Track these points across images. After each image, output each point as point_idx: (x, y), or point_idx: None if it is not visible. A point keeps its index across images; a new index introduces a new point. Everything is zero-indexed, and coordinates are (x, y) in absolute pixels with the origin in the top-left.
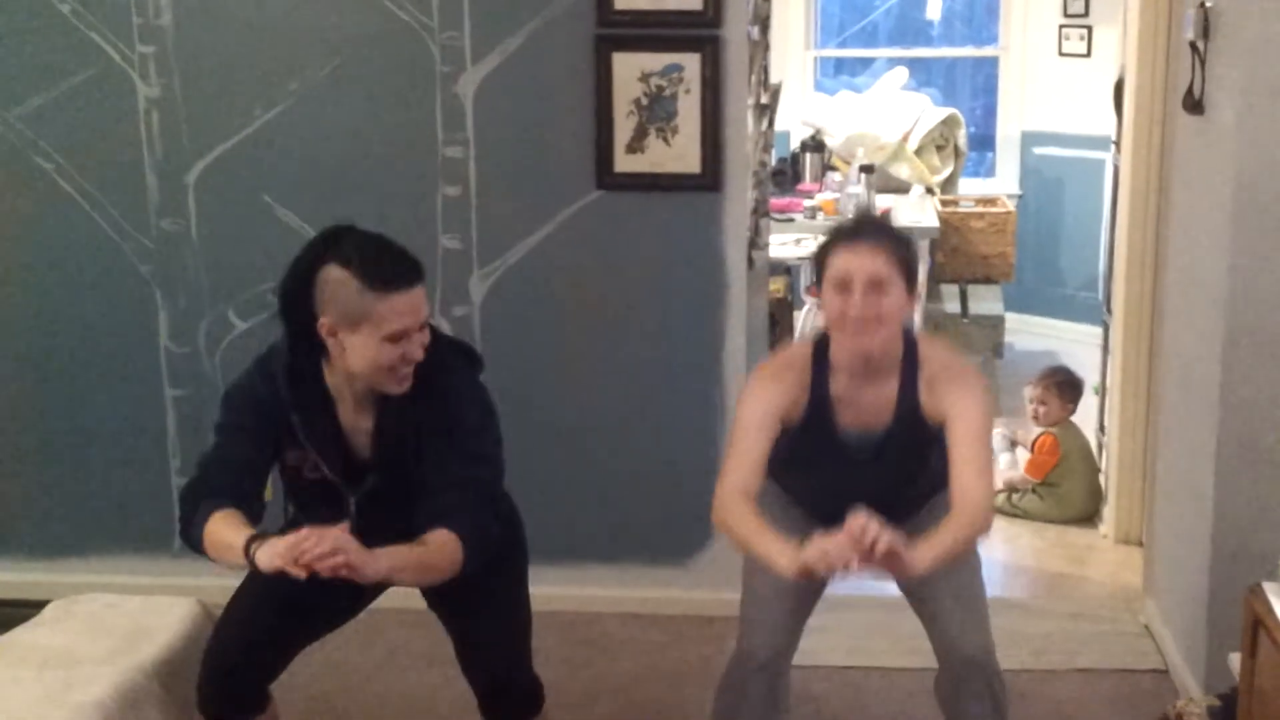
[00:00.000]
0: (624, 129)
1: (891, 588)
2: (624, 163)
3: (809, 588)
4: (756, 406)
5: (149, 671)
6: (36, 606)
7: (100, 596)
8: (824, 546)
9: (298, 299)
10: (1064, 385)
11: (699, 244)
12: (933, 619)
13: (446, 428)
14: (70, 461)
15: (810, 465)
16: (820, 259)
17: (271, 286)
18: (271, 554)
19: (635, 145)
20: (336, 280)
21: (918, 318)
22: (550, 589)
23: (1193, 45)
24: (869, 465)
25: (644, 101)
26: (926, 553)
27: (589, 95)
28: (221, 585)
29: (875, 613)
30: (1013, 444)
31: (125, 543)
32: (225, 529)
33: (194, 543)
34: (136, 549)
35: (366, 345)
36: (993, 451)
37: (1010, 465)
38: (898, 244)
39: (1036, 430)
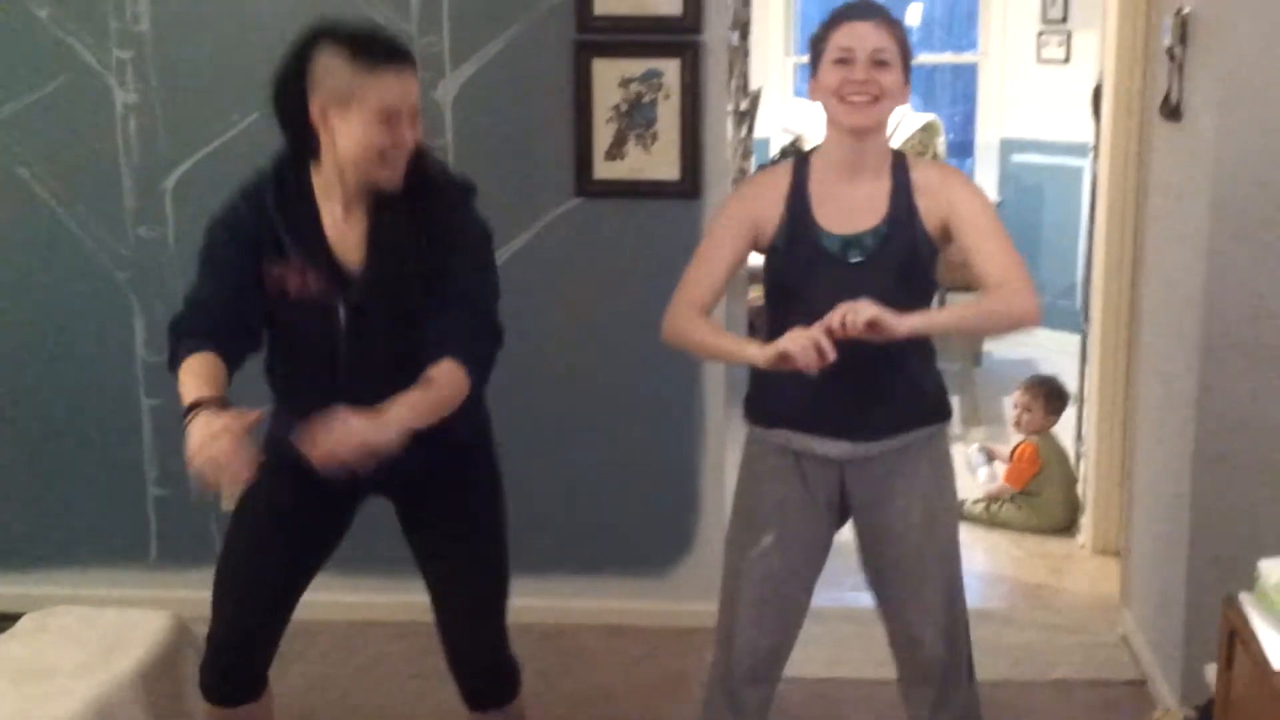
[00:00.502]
0: (603, 135)
1: (869, 599)
2: (603, 169)
3: (788, 592)
4: (724, 218)
5: (124, 685)
6: (11, 619)
7: (76, 609)
8: (801, 331)
9: (289, 89)
10: (1050, 394)
11: (678, 251)
12: (891, 619)
13: (445, 242)
14: (46, 472)
15: (800, 289)
16: (819, 39)
17: None
18: (207, 438)
19: (615, 152)
20: (328, 61)
21: None
22: (528, 600)
23: (1170, 52)
24: (863, 273)
25: (623, 108)
26: (933, 318)
27: (568, 101)
28: (199, 597)
29: (852, 625)
30: (990, 457)
31: (101, 554)
32: (188, 378)
33: (171, 361)
34: (113, 560)
35: (356, 126)
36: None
37: (989, 478)
38: (897, 26)
39: (1016, 438)
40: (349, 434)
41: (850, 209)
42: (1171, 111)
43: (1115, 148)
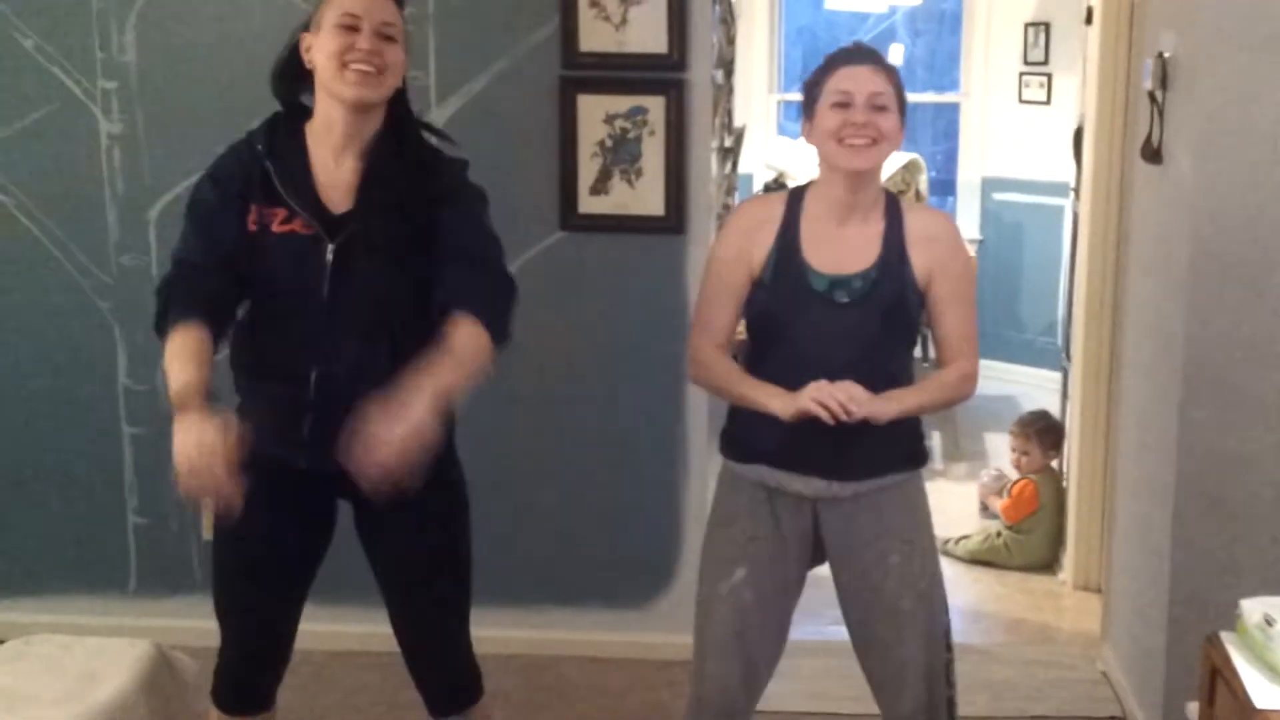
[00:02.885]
0: (588, 170)
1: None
2: (588, 204)
3: (761, 623)
4: (720, 253)
5: (103, 714)
6: None
7: (54, 637)
8: (823, 387)
9: (292, 44)
10: (1044, 431)
11: (662, 286)
12: (879, 672)
13: (437, 191)
14: (26, 499)
15: (784, 326)
16: (815, 82)
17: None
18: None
19: (599, 187)
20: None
21: None
22: (508, 631)
23: (1151, 95)
24: (849, 314)
25: (608, 143)
26: (895, 402)
27: (553, 137)
28: (179, 625)
29: (834, 658)
30: (1002, 489)
31: (81, 582)
32: (176, 358)
33: (158, 323)
34: (92, 588)
35: (323, 38)
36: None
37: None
38: (894, 72)
39: (1016, 476)
40: (388, 442)
41: (841, 250)
42: (1152, 154)
43: (1096, 188)
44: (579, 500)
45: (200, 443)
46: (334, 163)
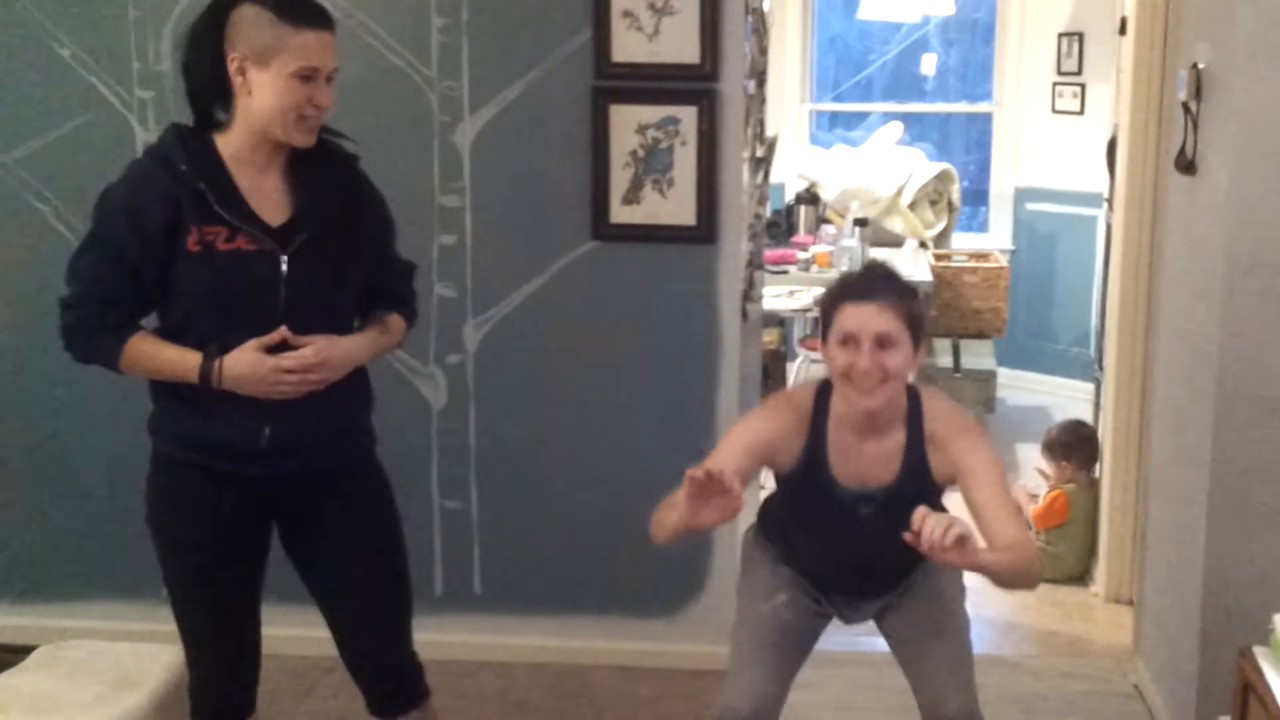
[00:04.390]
0: (620, 180)
1: (880, 644)
2: (620, 214)
3: (796, 641)
4: (744, 429)
5: (135, 718)
6: (23, 652)
7: (86, 643)
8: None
9: (203, 44)
10: (1070, 446)
11: (693, 295)
12: (919, 677)
13: (355, 196)
14: (58, 506)
15: (810, 520)
16: (826, 311)
17: None
18: (245, 361)
19: (631, 196)
20: (250, 16)
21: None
22: (538, 639)
23: (1185, 106)
24: (873, 522)
25: (640, 153)
26: (989, 555)
27: (586, 146)
28: None
29: (862, 670)
30: (1034, 496)
31: (113, 589)
32: (158, 350)
33: (91, 356)
34: (124, 595)
35: (275, 81)
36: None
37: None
38: (905, 299)
39: (1050, 484)
40: (319, 358)
41: (863, 466)
42: (1186, 165)
43: (1130, 199)
44: (609, 509)
45: (257, 362)
46: (259, 177)
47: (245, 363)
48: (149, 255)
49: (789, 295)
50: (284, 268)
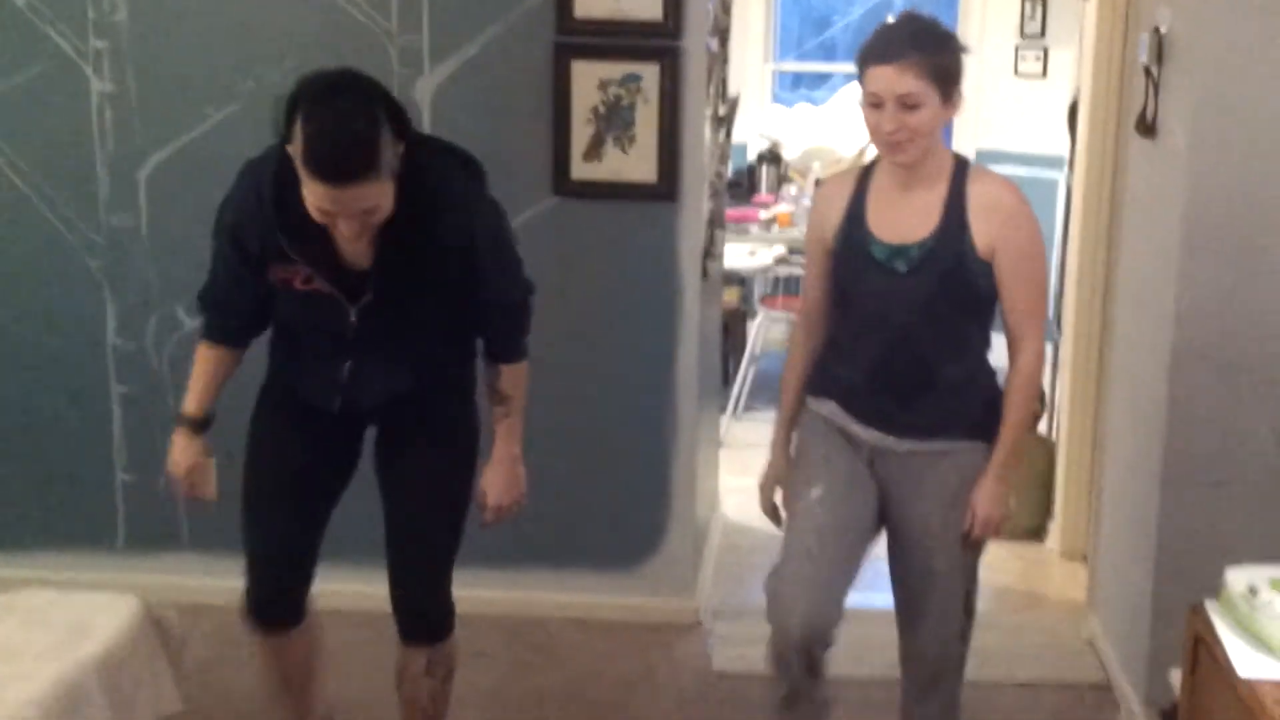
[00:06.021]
0: (581, 137)
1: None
2: (581, 170)
3: (839, 538)
4: (807, 233)
5: (89, 668)
6: None
7: (41, 592)
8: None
9: (278, 123)
10: None
11: (654, 253)
12: (904, 619)
13: (466, 245)
14: (14, 455)
15: (850, 292)
16: (859, 70)
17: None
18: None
19: (592, 153)
20: (297, 133)
21: None
22: (496, 592)
23: (1146, 69)
24: (907, 281)
25: (602, 110)
26: (998, 483)
27: (547, 102)
28: (166, 582)
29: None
30: None
31: (69, 538)
32: (194, 378)
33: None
34: (80, 545)
35: (307, 196)
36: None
37: None
38: (932, 53)
39: None
40: (507, 509)
41: (902, 219)
42: (1147, 128)
43: (1090, 162)
44: (569, 463)
45: (187, 451)
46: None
47: (180, 447)
48: (250, 268)
49: (750, 254)
50: (353, 317)
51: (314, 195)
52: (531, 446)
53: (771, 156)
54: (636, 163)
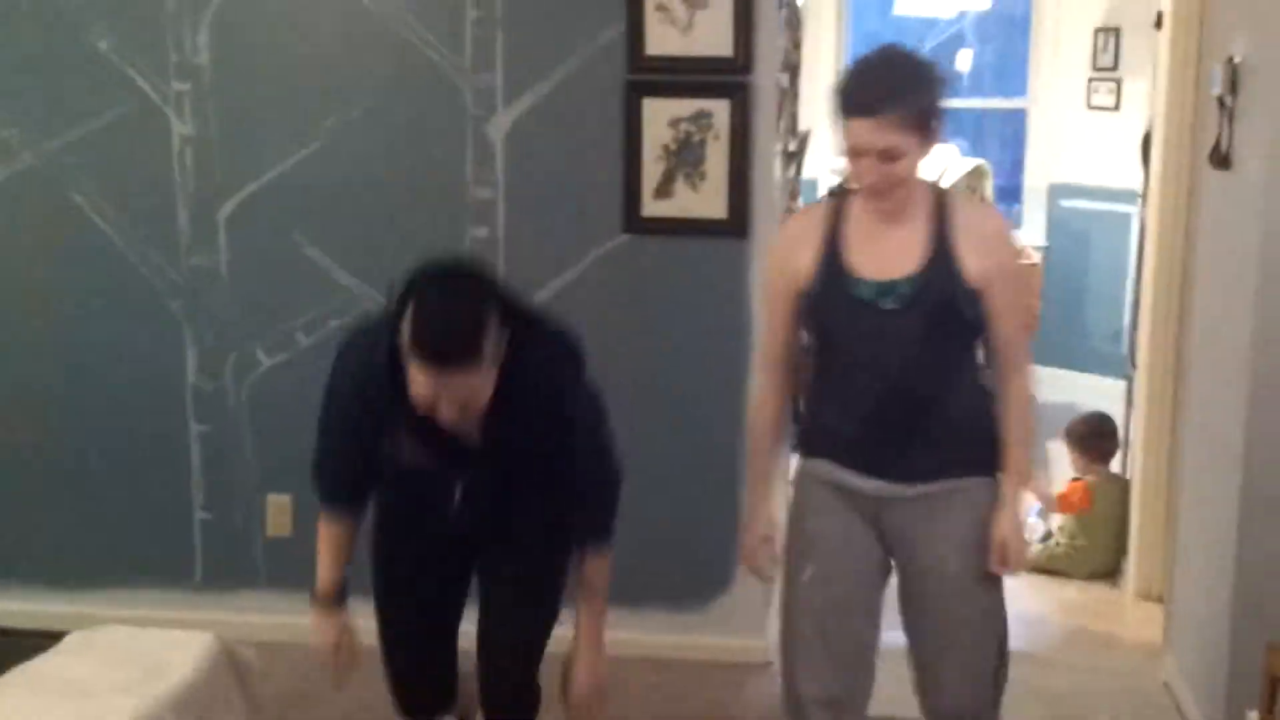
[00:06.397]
0: (652, 174)
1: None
2: (652, 207)
3: (850, 618)
4: (768, 275)
5: (166, 704)
6: (56, 637)
7: (120, 628)
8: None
9: (403, 295)
10: (1085, 437)
11: (725, 289)
12: (923, 668)
13: (564, 428)
14: (95, 493)
15: (836, 336)
16: (836, 114)
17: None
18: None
19: (663, 190)
20: (407, 318)
21: None
22: (567, 630)
23: (1220, 100)
24: (898, 320)
25: (673, 147)
26: (1012, 506)
27: (618, 140)
28: (243, 620)
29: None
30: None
31: (147, 576)
32: (323, 548)
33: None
34: (157, 582)
35: (410, 379)
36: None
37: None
38: (912, 102)
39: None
40: (591, 679)
41: (886, 254)
42: (1221, 159)
43: (1164, 195)
44: (640, 501)
45: (326, 629)
46: None
47: (320, 624)
48: (363, 438)
49: None
50: (457, 494)
51: (415, 380)
52: None
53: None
54: (708, 199)
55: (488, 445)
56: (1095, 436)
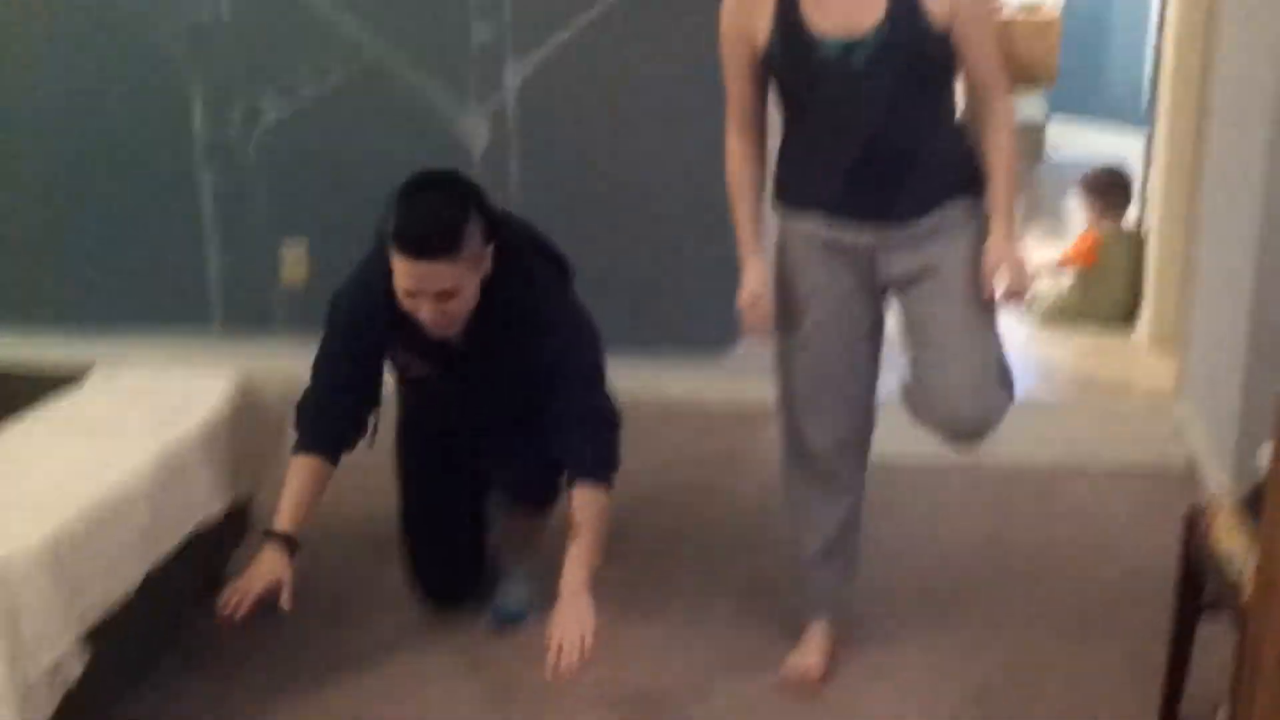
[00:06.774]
0: None
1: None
2: None
3: (847, 370)
4: (721, 40)
5: (192, 443)
6: (77, 380)
7: (143, 368)
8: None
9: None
10: (1100, 190)
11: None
12: (928, 371)
13: (546, 343)
14: (113, 234)
15: (805, 99)
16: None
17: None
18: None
19: None
20: (390, 214)
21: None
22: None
23: None
24: (870, 78)
25: None
26: (1004, 229)
27: None
28: (260, 365)
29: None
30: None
31: (164, 318)
32: (286, 490)
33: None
34: (175, 329)
35: (394, 281)
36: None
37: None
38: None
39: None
40: (575, 646)
41: (846, 8)
42: None
43: None
44: (651, 251)
45: (264, 568)
46: None
47: (261, 561)
48: (357, 362)
49: None
50: (454, 389)
51: (398, 274)
52: (613, 235)
53: None
54: None
55: (474, 356)
56: (1110, 187)
